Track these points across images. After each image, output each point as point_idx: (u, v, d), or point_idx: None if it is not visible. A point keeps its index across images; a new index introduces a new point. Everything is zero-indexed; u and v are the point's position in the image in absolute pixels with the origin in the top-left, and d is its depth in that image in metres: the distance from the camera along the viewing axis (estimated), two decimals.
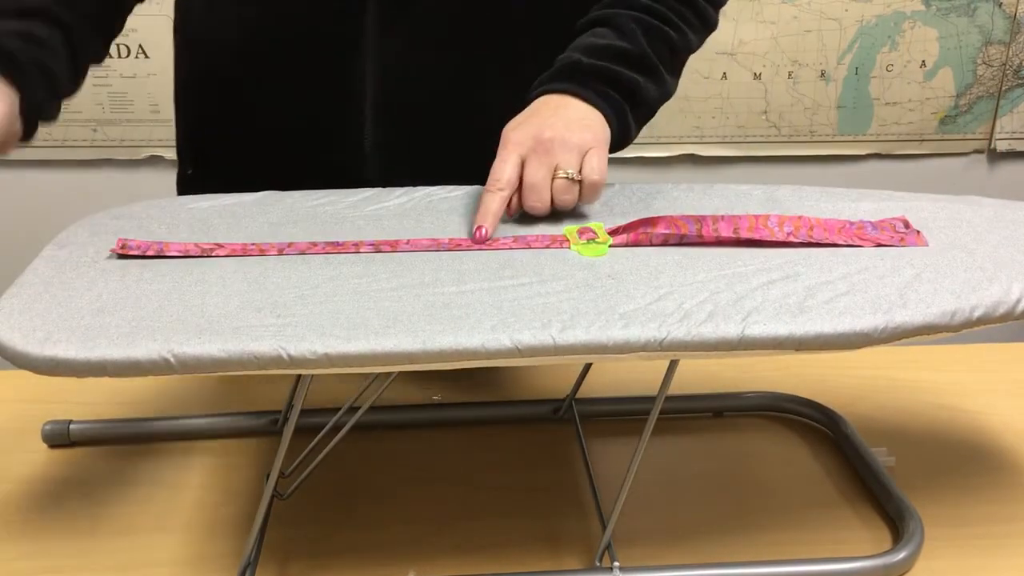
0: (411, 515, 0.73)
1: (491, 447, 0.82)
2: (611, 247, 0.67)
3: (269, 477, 0.64)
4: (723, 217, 0.69)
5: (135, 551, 0.69)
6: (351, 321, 0.56)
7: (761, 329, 0.57)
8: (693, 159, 1.83)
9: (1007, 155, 1.89)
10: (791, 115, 1.81)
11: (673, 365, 0.62)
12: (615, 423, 0.86)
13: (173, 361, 0.53)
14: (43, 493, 0.75)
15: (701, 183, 0.77)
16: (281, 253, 0.65)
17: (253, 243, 0.66)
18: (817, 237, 0.68)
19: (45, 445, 0.81)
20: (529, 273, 0.63)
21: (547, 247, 0.66)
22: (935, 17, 1.76)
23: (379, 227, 0.69)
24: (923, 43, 1.78)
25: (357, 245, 0.66)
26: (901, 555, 0.67)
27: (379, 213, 0.72)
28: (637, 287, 0.61)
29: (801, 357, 0.94)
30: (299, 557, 0.69)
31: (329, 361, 0.54)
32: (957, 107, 1.84)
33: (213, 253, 0.65)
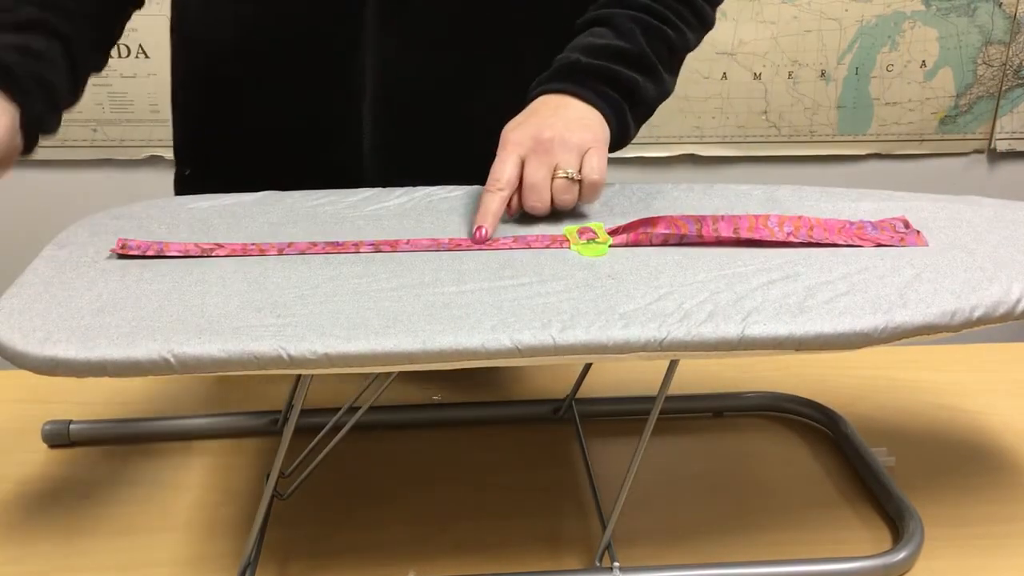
0: (411, 515, 0.73)
1: (491, 447, 0.82)
2: (611, 247, 0.67)
3: (269, 477, 0.64)
4: (723, 217, 0.69)
5: (135, 551, 0.69)
6: (351, 321, 0.56)
7: (761, 329, 0.57)
8: (693, 159, 1.83)
9: (1007, 155, 1.89)
10: (791, 115, 1.81)
11: (673, 365, 0.62)
12: (615, 423, 0.86)
13: (173, 361, 0.53)
14: (43, 493, 0.75)
15: (701, 183, 0.77)
16: (281, 253, 0.65)
17: (253, 243, 0.66)
18: (817, 237, 0.67)
19: (45, 445, 0.81)
20: (529, 273, 0.63)
21: (547, 247, 0.66)
22: (935, 17, 1.76)
23: (379, 227, 0.69)
24: (923, 43, 1.78)
25: (357, 245, 0.66)
26: (901, 555, 0.67)
27: (379, 213, 0.72)
28: (637, 287, 0.61)
29: (801, 357, 0.94)
30: (299, 557, 0.69)
31: (329, 361, 0.54)
32: (957, 107, 1.84)
33: (213, 253, 0.65)
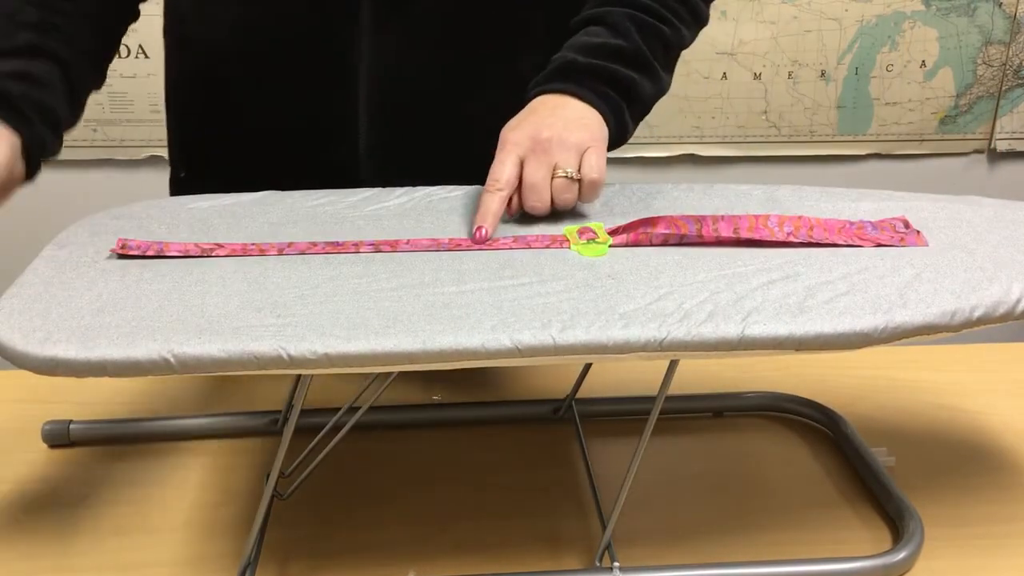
0: (411, 515, 0.73)
1: (491, 447, 0.82)
2: (611, 247, 0.67)
3: (269, 477, 0.64)
4: (723, 217, 0.69)
5: (135, 551, 0.69)
6: (351, 321, 0.56)
7: (761, 329, 0.57)
8: (693, 159, 1.83)
9: (1007, 155, 1.90)
10: (791, 115, 1.81)
11: (673, 365, 0.62)
12: (615, 423, 0.85)
13: (173, 361, 0.53)
14: (43, 493, 0.75)
15: (701, 183, 0.77)
16: (281, 253, 0.65)
17: (253, 243, 0.66)
18: (817, 237, 0.67)
19: (45, 445, 0.81)
20: (529, 273, 0.63)
21: (547, 247, 0.66)
22: (935, 17, 1.76)
23: (379, 227, 0.69)
24: (923, 43, 1.78)
25: (357, 245, 0.66)
26: (901, 555, 0.67)
27: (379, 213, 0.72)
28: (637, 287, 0.61)
29: (801, 357, 0.94)
30: (299, 557, 0.69)
31: (329, 361, 0.54)
32: (957, 107, 1.84)
33: (213, 253, 0.65)
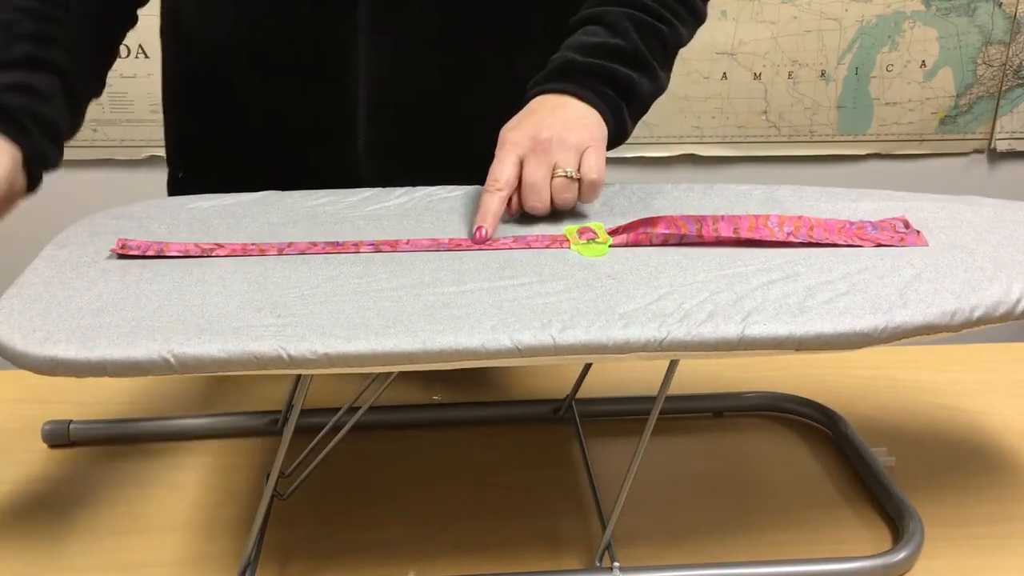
0: (411, 515, 0.73)
1: (491, 447, 0.82)
2: (611, 247, 0.67)
3: (269, 477, 0.64)
4: (723, 217, 0.69)
5: (135, 551, 0.69)
6: (351, 321, 0.56)
7: (761, 329, 0.57)
8: (693, 159, 1.83)
9: (1007, 155, 1.90)
10: (791, 115, 1.81)
11: (673, 365, 0.62)
12: (615, 423, 0.85)
13: (173, 361, 0.53)
14: (43, 493, 0.75)
15: (701, 183, 0.77)
16: (281, 253, 0.65)
17: (253, 243, 0.66)
18: (817, 237, 0.67)
19: (45, 445, 0.81)
20: (529, 273, 0.63)
21: (547, 247, 0.66)
22: (935, 17, 1.76)
23: (379, 227, 0.69)
24: (923, 43, 1.78)
25: (357, 245, 0.66)
26: (901, 555, 0.67)
27: (379, 213, 0.72)
28: (637, 287, 0.61)
29: (801, 357, 0.94)
30: (299, 557, 0.69)
31: (329, 361, 0.54)
32: (957, 107, 1.84)
33: (213, 253, 0.65)
